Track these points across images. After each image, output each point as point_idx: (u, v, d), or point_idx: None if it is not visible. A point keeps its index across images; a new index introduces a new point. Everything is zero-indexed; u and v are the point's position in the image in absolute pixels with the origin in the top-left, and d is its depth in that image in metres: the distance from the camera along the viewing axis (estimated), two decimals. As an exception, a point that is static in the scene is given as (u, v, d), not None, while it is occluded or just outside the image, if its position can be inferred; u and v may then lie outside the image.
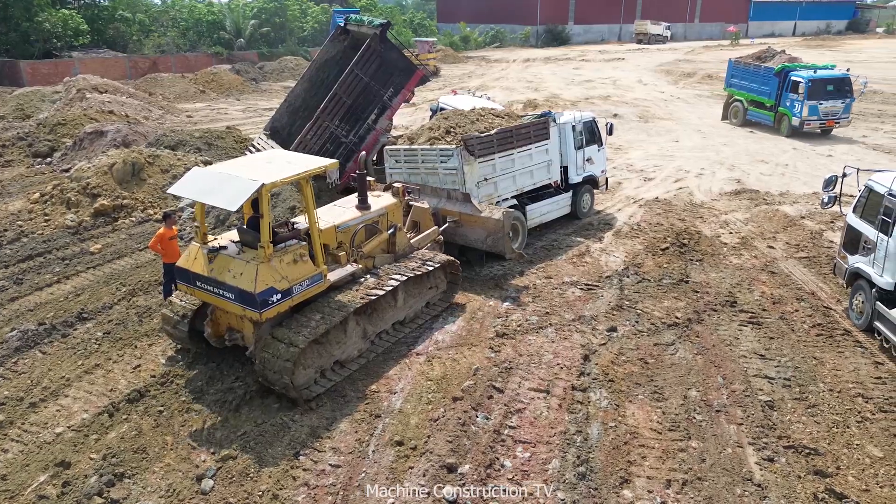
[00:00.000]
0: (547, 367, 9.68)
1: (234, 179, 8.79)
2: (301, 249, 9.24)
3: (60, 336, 10.74)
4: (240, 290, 8.66)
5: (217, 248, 9.24)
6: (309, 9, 63.83)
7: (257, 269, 8.63)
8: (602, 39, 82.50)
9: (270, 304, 8.70)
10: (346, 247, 10.46)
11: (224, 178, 8.96)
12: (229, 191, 8.62)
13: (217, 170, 9.41)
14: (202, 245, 9.31)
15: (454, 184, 13.14)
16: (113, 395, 9.13)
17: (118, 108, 27.18)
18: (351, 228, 10.63)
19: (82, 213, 15.75)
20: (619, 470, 7.64)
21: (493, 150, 13.43)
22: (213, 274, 8.97)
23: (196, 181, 9.19)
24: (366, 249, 10.74)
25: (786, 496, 7.21)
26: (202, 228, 9.50)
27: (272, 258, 8.80)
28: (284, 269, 8.91)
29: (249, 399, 9.03)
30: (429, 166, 13.55)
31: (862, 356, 9.92)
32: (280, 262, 8.89)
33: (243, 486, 7.49)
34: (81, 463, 7.88)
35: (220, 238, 9.57)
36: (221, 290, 8.91)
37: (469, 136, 13.13)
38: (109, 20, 52.98)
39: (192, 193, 9.17)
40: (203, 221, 9.54)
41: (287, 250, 9.08)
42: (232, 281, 8.76)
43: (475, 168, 13.10)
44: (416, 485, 7.38)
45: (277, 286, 8.76)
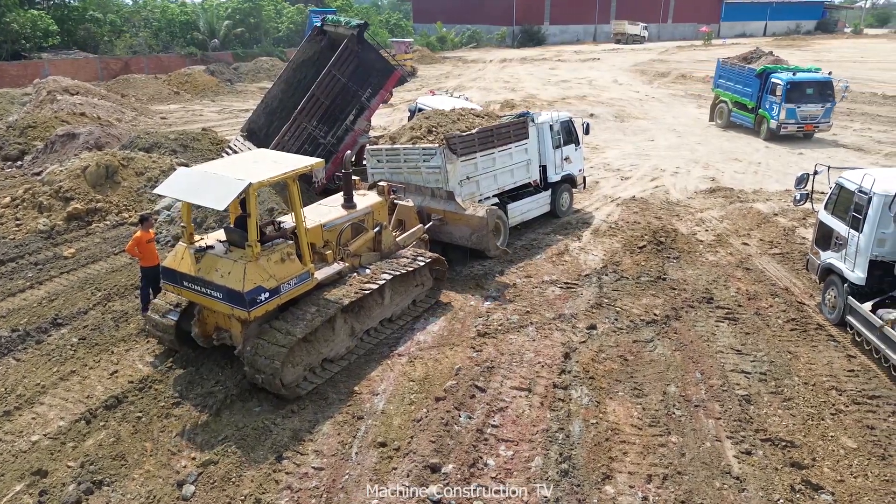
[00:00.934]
0: (528, 366, 9.74)
1: (221, 179, 8.79)
2: (288, 248, 9.26)
3: (35, 342, 10.54)
4: (228, 289, 8.65)
5: (204, 247, 9.23)
6: (284, 9, 63.39)
7: (245, 268, 8.63)
8: (577, 40, 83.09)
9: (259, 302, 8.71)
10: (332, 245, 10.49)
11: (211, 177, 8.96)
12: (217, 190, 8.61)
13: (203, 170, 9.42)
14: (189, 245, 9.27)
15: (437, 182, 13.21)
16: (90, 402, 8.99)
17: (90, 110, 26.74)
18: (337, 227, 10.66)
19: (55, 217, 15.47)
20: (601, 466, 7.72)
21: (475, 149, 13.53)
22: (200, 273, 8.96)
23: (182, 181, 9.17)
24: (352, 248, 10.79)
25: (763, 488, 7.34)
26: (188, 228, 9.48)
27: (260, 257, 8.81)
28: (272, 268, 8.92)
29: (230, 403, 8.96)
30: (412, 165, 13.60)
31: (835, 350, 10.14)
32: (268, 261, 8.90)
33: (225, 491, 7.43)
34: (59, 471, 7.75)
35: (207, 238, 9.56)
36: (209, 290, 8.90)
37: (451, 134, 13.21)
38: (80, 21, 52.13)
39: (179, 194, 9.15)
40: (189, 221, 9.52)
41: (274, 249, 9.10)
42: (220, 280, 8.75)
43: (458, 167, 13.17)
44: (401, 486, 7.38)
45: (265, 285, 8.76)
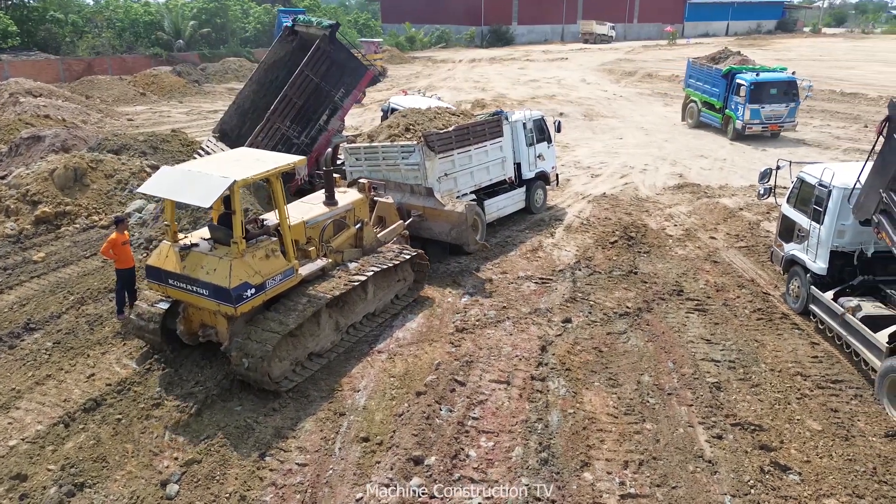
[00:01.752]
0: (506, 360, 9.93)
1: (206, 177, 8.86)
2: (272, 245, 9.37)
3: (7, 347, 10.40)
4: (214, 285, 8.73)
5: (189, 245, 9.27)
6: (251, 9, 62.75)
7: (231, 264, 8.72)
8: (545, 40, 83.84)
9: (245, 298, 8.81)
10: (315, 242, 10.61)
11: (195, 176, 9.03)
12: (201, 188, 8.69)
13: (187, 168, 9.51)
14: (173, 243, 9.30)
15: (416, 179, 13.38)
16: (67, 406, 8.92)
17: (55, 112, 26.25)
18: (320, 224, 10.79)
19: (22, 222, 15.20)
20: (579, 454, 7.93)
21: (452, 146, 13.75)
22: (185, 271, 9.02)
23: (166, 180, 9.24)
24: (334, 244, 10.94)
25: (735, 470, 7.63)
26: (172, 227, 9.51)
27: (245, 253, 8.90)
28: (257, 265, 9.02)
29: (211, 403, 8.97)
30: (390, 163, 13.75)
31: (799, 337, 10.53)
32: (253, 258, 9.00)
33: (210, 490, 7.46)
34: (39, 475, 7.70)
35: (191, 236, 9.62)
36: (195, 287, 8.96)
37: (429, 132, 13.42)
38: (40, 21, 50.95)
39: (163, 192, 9.21)
40: (173, 220, 9.53)
41: (259, 246, 9.21)
42: (206, 277, 8.82)
43: (436, 163, 13.35)
44: (384, 478, 7.50)
45: (251, 281, 8.86)
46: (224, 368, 9.64)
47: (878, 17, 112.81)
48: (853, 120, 29.11)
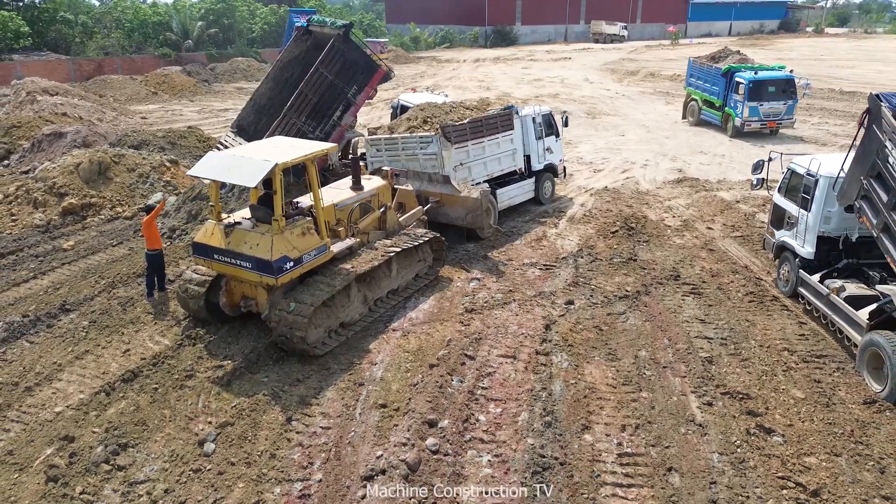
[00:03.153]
0: (513, 337, 10.63)
1: (250, 160, 9.75)
2: (308, 224, 10.23)
3: (46, 327, 11.13)
4: (257, 258, 9.58)
5: (233, 223, 10.11)
6: (258, 10, 63.55)
7: (272, 239, 9.56)
8: (549, 40, 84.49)
9: (284, 270, 9.67)
10: (344, 223, 11.49)
11: (239, 159, 9.94)
12: (246, 170, 9.58)
13: (232, 153, 10.55)
14: (218, 222, 10.16)
15: (434, 168, 14.15)
16: (106, 377, 9.64)
17: (71, 110, 26.99)
18: (348, 207, 11.68)
19: (50, 213, 15.97)
20: (580, 419, 8.62)
21: (467, 137, 14.54)
22: (230, 246, 9.88)
23: (214, 163, 10.15)
24: (361, 226, 11.84)
25: (723, 432, 8.31)
26: (216, 207, 10.39)
27: (284, 230, 9.73)
28: (295, 241, 9.88)
29: (239, 375, 9.69)
30: (409, 153, 14.56)
31: (788, 318, 11.19)
32: (291, 234, 9.86)
33: (243, 448, 8.17)
34: (85, 436, 8.41)
35: (233, 216, 10.44)
36: (239, 261, 9.82)
37: (446, 123, 14.28)
38: (51, 22, 51.79)
39: (212, 174, 10.06)
40: (217, 201, 10.41)
41: (296, 224, 10.05)
42: (249, 251, 9.66)
43: (452, 153, 14.13)
44: (402, 438, 8.20)
45: (290, 255, 9.73)
46: (250, 343, 10.40)
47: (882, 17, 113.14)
48: (851, 117, 29.63)
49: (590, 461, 7.90)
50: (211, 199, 10.49)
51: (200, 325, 10.94)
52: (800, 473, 7.64)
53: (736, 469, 7.71)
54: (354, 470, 7.80)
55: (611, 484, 7.58)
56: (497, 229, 14.51)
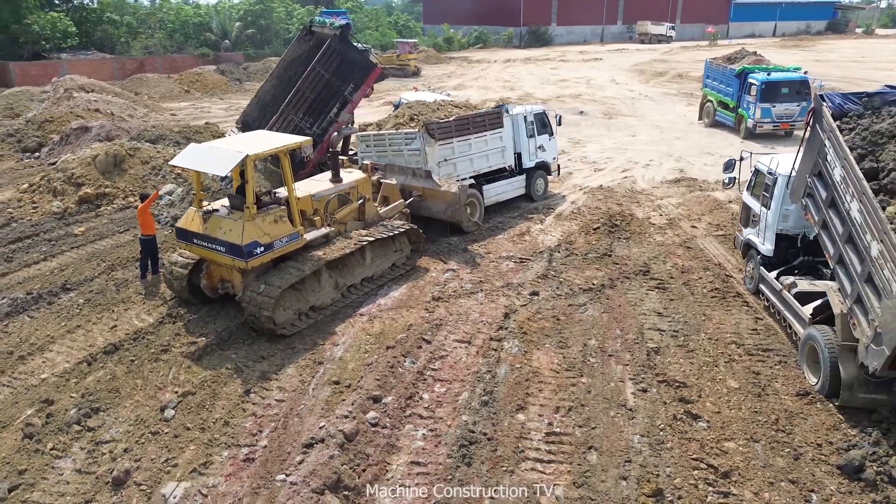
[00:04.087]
0: (472, 324, 11.13)
1: (224, 151, 10.55)
2: (281, 212, 10.92)
3: (46, 303, 12.10)
4: (229, 243, 10.32)
5: (211, 210, 10.89)
6: (294, 11, 65.19)
7: (244, 226, 10.28)
8: (584, 40, 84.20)
9: (255, 254, 10.38)
10: (320, 213, 12.15)
11: (216, 150, 10.77)
12: (220, 161, 10.39)
13: (210, 145, 11.33)
14: (198, 209, 10.95)
15: (418, 163, 14.75)
16: (91, 349, 10.51)
17: (104, 106, 28.44)
18: (325, 198, 12.32)
19: (67, 201, 17.10)
20: (517, 399, 9.08)
21: (452, 134, 15.07)
22: (207, 231, 10.66)
23: (193, 154, 10.97)
24: (338, 216, 12.47)
25: (650, 417, 8.67)
26: (198, 195, 11.19)
27: (256, 217, 10.44)
28: (267, 227, 10.57)
29: (210, 351, 10.44)
30: (395, 148, 15.19)
31: (746, 314, 11.41)
32: (263, 222, 10.56)
33: (200, 416, 8.89)
34: (63, 400, 9.25)
35: (213, 203, 11.22)
36: (214, 245, 10.59)
37: (430, 121, 14.84)
38: (97, 22, 54.18)
39: (190, 164, 10.84)
40: (199, 190, 11.21)
41: (269, 212, 10.76)
42: (223, 237, 10.41)
43: (435, 149, 14.67)
44: (345, 411, 8.80)
45: (261, 240, 10.42)
46: (224, 323, 11.15)
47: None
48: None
49: (517, 438, 8.37)
50: (193, 187, 11.27)
51: (183, 306, 11.75)
52: (715, 457, 7.97)
53: (653, 450, 8.08)
54: (297, 438, 8.43)
55: (532, 459, 8.04)
56: (477, 223, 15.01)
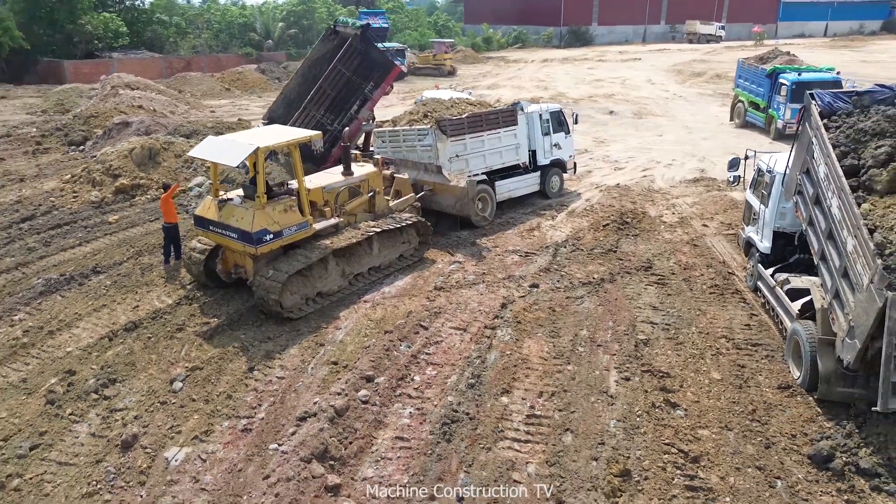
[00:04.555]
0: (469, 313, 11.55)
1: (237, 144, 11.34)
2: (291, 202, 11.58)
3: (77, 284, 12.98)
4: (241, 230, 11.00)
5: (226, 199, 11.61)
6: (336, 11, 66.39)
7: (254, 214, 10.94)
8: (626, 40, 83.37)
9: (264, 241, 11.04)
10: (331, 204, 12.74)
11: (229, 143, 11.57)
12: (232, 152, 11.11)
13: (226, 137, 12.23)
14: (215, 198, 11.67)
15: (429, 158, 15.22)
16: (114, 326, 11.30)
17: (147, 103, 29.69)
18: (335, 190, 12.94)
19: (105, 191, 18.12)
20: (503, 384, 9.48)
21: (464, 131, 15.48)
22: (221, 219, 11.39)
23: (209, 146, 11.79)
24: (348, 208, 13.06)
25: (629, 403, 8.96)
26: (215, 185, 11.93)
27: (266, 206, 11.09)
28: (276, 216, 11.22)
29: (221, 331, 11.12)
30: (409, 144, 15.72)
31: (742, 310, 11.53)
32: (273, 210, 11.21)
33: (205, 389, 9.55)
34: (84, 371, 10.03)
35: (229, 193, 11.93)
36: (228, 232, 11.31)
37: (442, 118, 15.29)
38: (148, 23, 56.25)
39: (205, 155, 11.69)
40: (216, 180, 11.96)
41: (280, 202, 11.42)
42: (235, 224, 11.11)
43: (447, 145, 15.12)
44: (339, 389, 9.34)
45: (270, 228, 11.08)
46: (236, 305, 11.84)
47: None
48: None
49: (497, 419, 8.77)
50: (210, 178, 11.99)
51: (200, 289, 12.49)
52: (688, 443, 8.22)
53: (627, 434, 8.38)
54: (292, 412, 9.01)
55: (510, 439, 8.43)
56: (485, 217, 15.40)
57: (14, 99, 36.65)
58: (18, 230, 15.94)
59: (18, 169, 21.31)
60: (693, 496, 7.44)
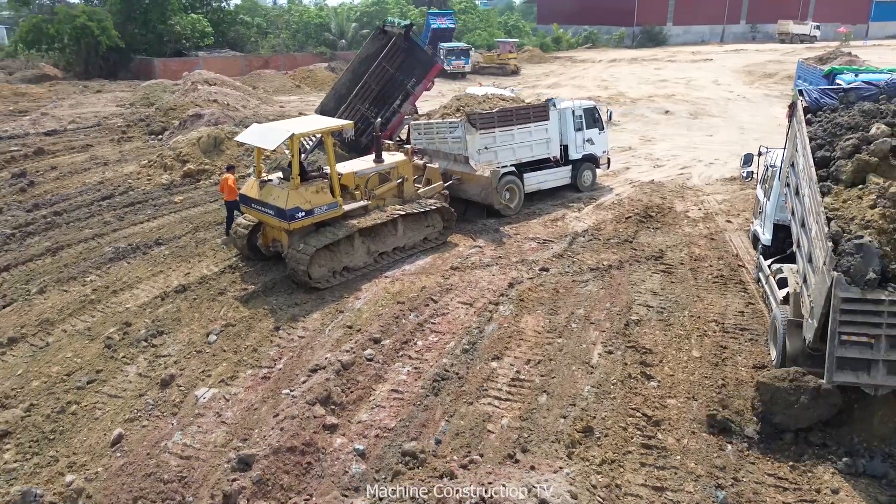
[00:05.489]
0: (479, 290, 12.52)
1: (275, 130, 12.78)
2: (323, 184, 12.92)
3: (141, 253, 14.74)
4: (277, 207, 12.39)
5: (266, 180, 13.06)
6: (409, 12, 68.25)
7: (288, 193, 12.29)
8: (702, 40, 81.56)
9: (296, 218, 12.39)
10: (361, 188, 14.00)
11: (269, 128, 13.11)
12: (270, 137, 12.55)
13: (267, 125, 13.71)
14: (257, 179, 13.13)
15: (459, 149, 16.24)
16: (167, 288, 12.90)
17: (221, 98, 31.99)
18: (366, 175, 14.19)
19: (174, 175, 20.10)
20: (496, 351, 10.42)
21: (494, 124, 16.43)
22: (261, 198, 12.82)
23: (253, 132, 13.34)
24: (378, 192, 14.28)
25: (607, 373, 9.72)
26: (258, 167, 13.40)
27: (300, 187, 12.43)
28: (309, 196, 12.54)
29: (256, 296, 12.54)
30: (441, 136, 16.83)
31: (741, 299, 11.99)
32: (306, 191, 12.55)
33: (235, 342, 10.95)
34: (137, 324, 11.62)
35: (270, 174, 13.34)
36: (266, 209, 12.73)
37: (472, 111, 16.29)
38: (232, 23, 59.75)
39: (248, 139, 13.21)
40: (259, 161, 13.52)
41: (313, 183, 12.78)
42: (273, 202, 12.52)
43: (476, 138, 16.12)
44: (348, 348, 10.52)
45: (303, 206, 12.42)
46: (272, 276, 13.25)
47: None
48: None
49: (484, 379, 9.73)
50: (255, 161, 13.46)
51: (244, 261, 13.98)
52: (654, 409, 8.94)
53: (598, 398, 9.17)
54: (306, 365, 10.25)
55: (491, 397, 9.38)
56: (507, 206, 16.28)
57: (108, 93, 40.05)
58: (98, 207, 18.02)
59: (104, 154, 23.70)
60: (647, 453, 8.19)
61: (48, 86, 42.35)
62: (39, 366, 10.51)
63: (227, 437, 8.92)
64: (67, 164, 22.19)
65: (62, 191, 19.47)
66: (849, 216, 8.18)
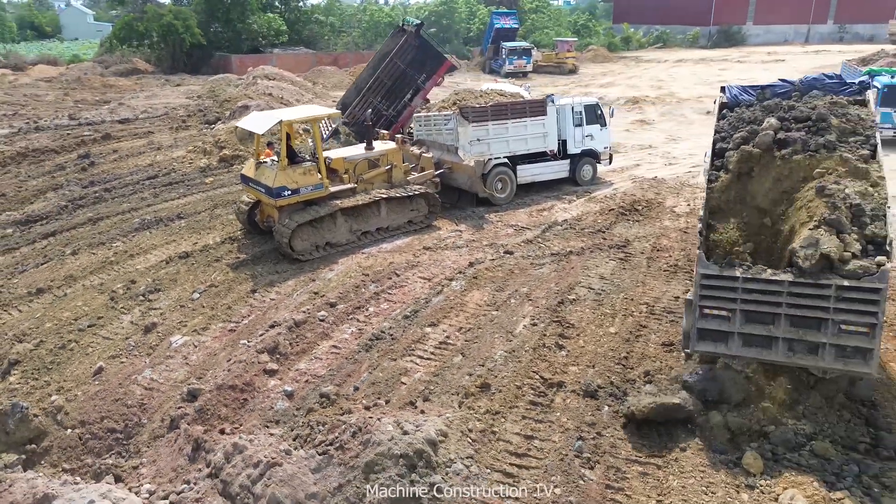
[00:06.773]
0: (440, 268, 13.63)
1: (267, 116, 14.29)
2: (311, 167, 14.34)
3: (163, 225, 16.70)
4: (267, 186, 13.93)
5: (261, 161, 14.64)
6: (477, 11, 69.48)
7: (276, 173, 13.80)
8: (785, 41, 78.40)
9: (283, 196, 13.90)
10: (350, 172, 15.34)
11: (263, 115, 14.66)
12: (261, 122, 14.10)
13: (261, 112, 15.03)
14: (255, 160, 14.78)
15: (452, 141, 17.35)
16: (172, 254, 14.73)
17: (277, 91, 34.29)
18: (355, 160, 15.56)
19: (211, 159, 22.19)
20: (434, 319, 11.53)
21: (487, 118, 17.38)
22: (256, 177, 14.43)
23: (250, 118, 15.08)
24: (366, 177, 15.58)
25: (524, 341, 10.63)
26: (257, 150, 15.06)
27: (287, 169, 13.94)
28: (296, 177, 14.05)
29: (245, 263, 14.16)
30: (437, 128, 17.99)
31: (684, 286, 12.50)
32: (294, 172, 14.05)
33: (215, 300, 12.57)
34: (140, 282, 13.45)
35: (266, 157, 14.90)
36: (259, 187, 14.33)
37: (465, 105, 17.35)
38: (307, 22, 62.85)
39: (247, 125, 14.85)
40: (258, 144, 15.06)
41: (301, 166, 14.24)
42: (264, 181, 14.11)
43: (468, 130, 17.16)
44: (305, 309, 11.91)
45: (289, 186, 13.93)
46: (264, 248, 14.84)
47: None
48: None
49: (414, 341, 10.87)
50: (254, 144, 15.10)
51: (245, 234, 15.64)
52: (553, 374, 9.81)
53: (505, 361, 10.12)
54: (267, 322, 11.72)
55: (415, 356, 10.52)
56: (491, 194, 17.21)
57: (184, 86, 43.43)
58: (142, 185, 20.26)
59: (161, 140, 26.21)
60: (531, 407, 9.11)
61: (135, 79, 46.36)
62: (55, 311, 12.48)
63: (187, 375, 10.50)
64: (127, 148, 24.76)
65: (116, 171, 21.91)
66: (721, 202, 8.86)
